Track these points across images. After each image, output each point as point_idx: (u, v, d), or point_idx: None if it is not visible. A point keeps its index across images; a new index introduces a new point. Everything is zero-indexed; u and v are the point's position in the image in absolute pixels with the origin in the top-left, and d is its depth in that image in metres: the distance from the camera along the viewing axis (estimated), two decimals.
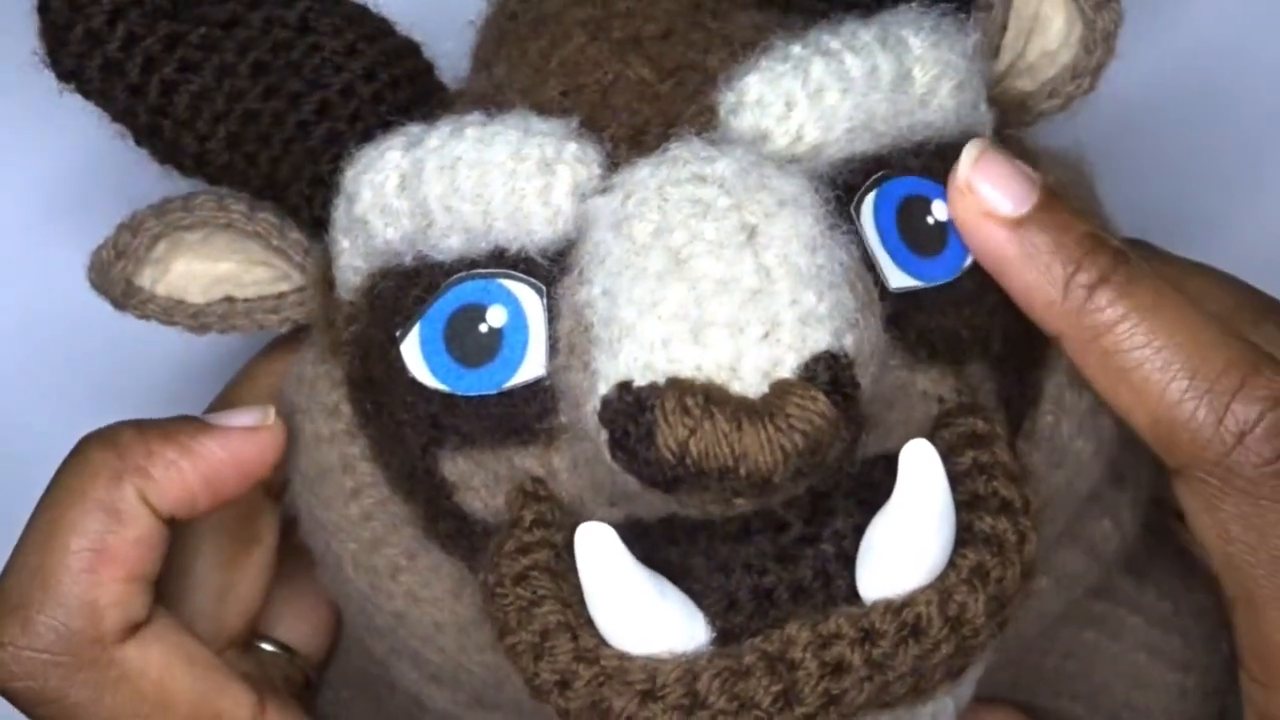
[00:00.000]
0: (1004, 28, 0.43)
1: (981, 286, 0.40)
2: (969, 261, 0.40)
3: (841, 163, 0.39)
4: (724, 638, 0.37)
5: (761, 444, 0.35)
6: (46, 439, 0.44)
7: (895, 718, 0.37)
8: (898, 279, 0.39)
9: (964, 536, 0.37)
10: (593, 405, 0.36)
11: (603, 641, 0.37)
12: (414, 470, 0.41)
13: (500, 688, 0.42)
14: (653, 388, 0.35)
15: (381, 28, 0.44)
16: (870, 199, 0.39)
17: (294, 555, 0.47)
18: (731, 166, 0.36)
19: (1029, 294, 0.39)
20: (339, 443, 0.42)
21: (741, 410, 0.35)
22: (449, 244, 0.39)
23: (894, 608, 0.36)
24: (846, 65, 0.38)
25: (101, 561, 0.41)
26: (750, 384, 0.35)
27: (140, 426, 0.42)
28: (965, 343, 0.40)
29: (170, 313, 0.45)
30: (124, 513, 0.41)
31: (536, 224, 0.38)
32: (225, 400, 0.46)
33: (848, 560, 0.37)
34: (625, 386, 0.35)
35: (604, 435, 0.36)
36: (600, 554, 0.36)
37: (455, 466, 0.40)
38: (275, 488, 0.47)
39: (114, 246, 0.44)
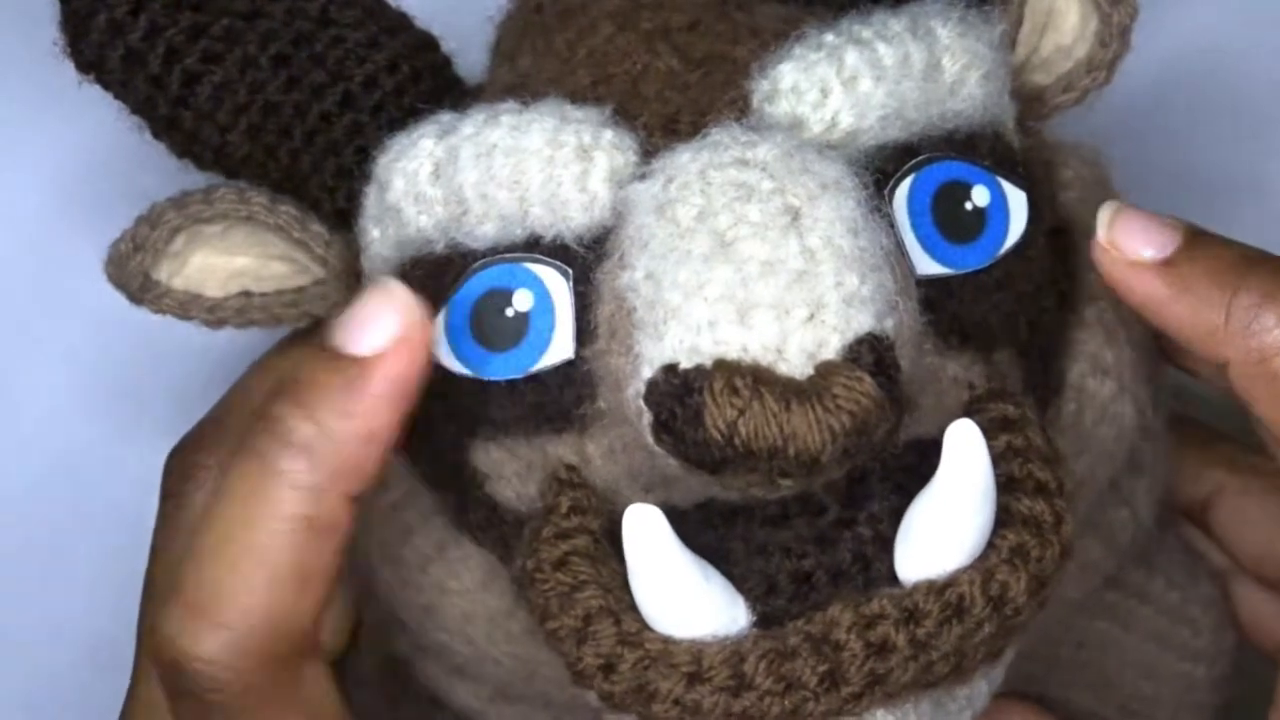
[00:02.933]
0: (1019, 21, 0.43)
1: (1011, 274, 0.40)
2: (1005, 249, 0.40)
3: (874, 150, 0.39)
4: (764, 621, 0.37)
5: (810, 424, 0.35)
6: (59, 434, 0.43)
7: (935, 700, 0.38)
8: (926, 266, 0.39)
9: (1002, 518, 0.37)
10: (635, 389, 0.36)
11: (646, 626, 0.37)
12: (444, 460, 0.41)
13: (529, 680, 0.42)
14: (699, 370, 0.35)
15: (401, 21, 0.44)
16: (906, 184, 0.39)
17: None
18: (773, 151, 0.37)
19: (1188, 327, 0.39)
20: None
21: (790, 391, 0.35)
22: (484, 231, 0.39)
23: (937, 588, 0.36)
24: (879, 54, 0.39)
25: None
26: (796, 365, 0.35)
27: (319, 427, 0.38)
28: (994, 330, 0.40)
29: (187, 307, 0.45)
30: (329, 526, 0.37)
31: (573, 210, 0.38)
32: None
33: (885, 543, 0.37)
34: (671, 369, 0.36)
35: (648, 418, 0.36)
36: (649, 536, 0.37)
37: (487, 456, 0.40)
38: None
39: (132, 239, 0.44)
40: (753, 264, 0.36)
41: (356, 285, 0.42)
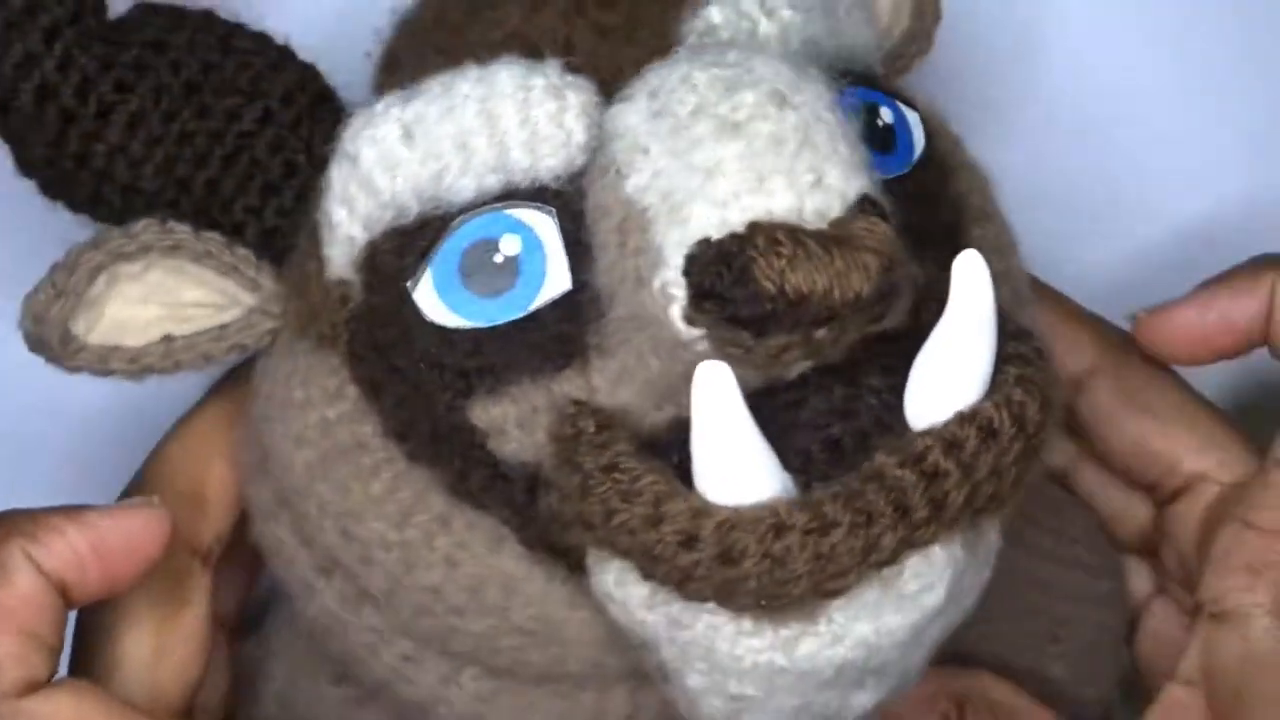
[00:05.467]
0: None
1: (923, 184, 0.43)
2: (914, 159, 0.44)
3: None
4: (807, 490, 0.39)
5: (851, 264, 0.37)
6: None
7: (968, 544, 0.40)
8: None
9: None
10: (663, 277, 0.38)
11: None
12: (441, 427, 0.41)
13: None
14: (735, 236, 0.37)
15: (286, 53, 0.45)
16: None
17: None
18: (742, 54, 0.40)
19: None
20: (349, 423, 0.42)
21: (825, 238, 0.37)
22: (463, 184, 0.40)
23: (967, 415, 0.39)
24: None
25: None
26: (814, 226, 0.38)
27: (28, 509, 0.42)
28: (920, 235, 0.43)
29: (105, 359, 0.43)
30: (10, 569, 0.41)
31: (551, 148, 0.40)
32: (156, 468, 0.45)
33: (891, 409, 0.40)
34: (705, 242, 0.37)
35: (682, 299, 0.37)
36: (720, 390, 0.37)
37: (486, 412, 0.40)
38: (203, 552, 0.45)
39: (51, 285, 0.42)
40: (760, 139, 0.38)
41: (310, 286, 0.42)
